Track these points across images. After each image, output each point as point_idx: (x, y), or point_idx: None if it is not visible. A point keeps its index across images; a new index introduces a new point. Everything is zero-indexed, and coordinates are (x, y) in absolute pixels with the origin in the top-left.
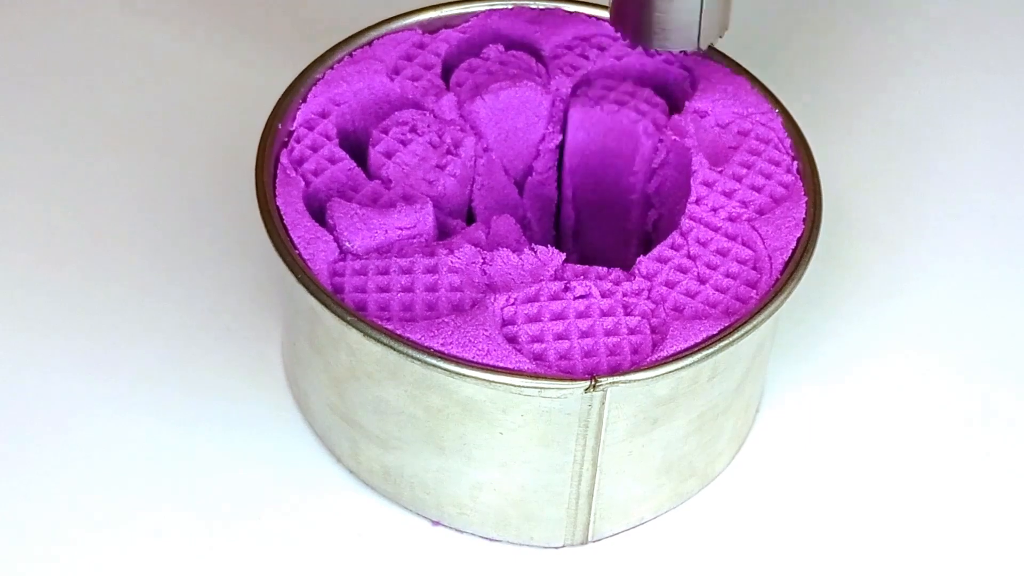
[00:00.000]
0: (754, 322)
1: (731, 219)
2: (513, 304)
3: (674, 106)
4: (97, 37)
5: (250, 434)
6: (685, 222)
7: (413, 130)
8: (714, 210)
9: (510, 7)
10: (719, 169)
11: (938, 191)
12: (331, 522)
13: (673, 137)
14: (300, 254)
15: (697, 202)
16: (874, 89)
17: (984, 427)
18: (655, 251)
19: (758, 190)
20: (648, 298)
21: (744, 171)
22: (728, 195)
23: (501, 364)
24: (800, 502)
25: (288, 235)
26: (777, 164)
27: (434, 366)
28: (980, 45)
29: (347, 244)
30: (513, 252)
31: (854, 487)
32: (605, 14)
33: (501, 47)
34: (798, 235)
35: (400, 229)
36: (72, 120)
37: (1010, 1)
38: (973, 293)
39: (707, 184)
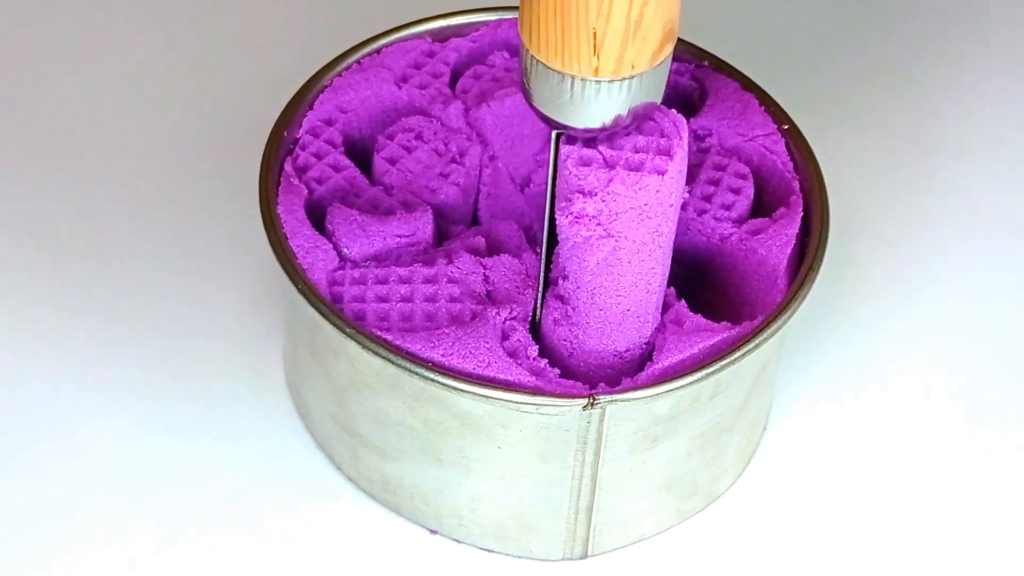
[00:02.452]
0: (755, 341)
1: (722, 238)
2: (514, 318)
3: None
4: (103, 42)
5: (251, 441)
6: None
7: (419, 137)
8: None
9: None
10: (688, 188)
11: (946, 199)
12: (330, 530)
13: None
14: (300, 263)
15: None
16: (879, 94)
17: (1001, 443)
18: None
19: (728, 208)
20: None
21: (712, 188)
22: (700, 213)
23: (501, 376)
24: (807, 521)
25: (288, 244)
26: (744, 178)
27: (432, 380)
28: (988, 47)
29: (345, 250)
30: (514, 257)
31: (864, 507)
32: None
33: (507, 54)
34: (788, 252)
35: (399, 236)
36: (75, 125)
37: (1012, 1)
38: (985, 302)
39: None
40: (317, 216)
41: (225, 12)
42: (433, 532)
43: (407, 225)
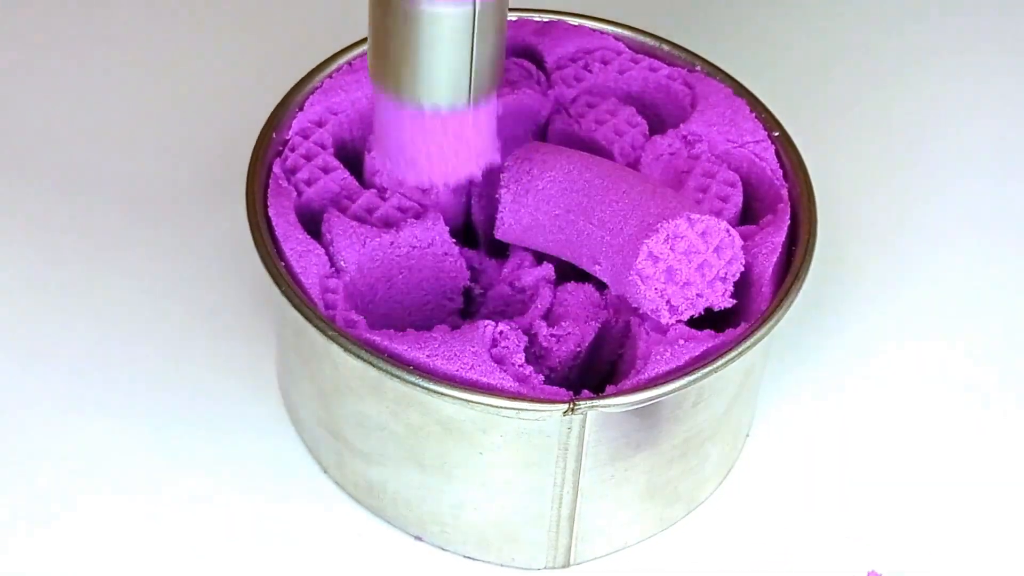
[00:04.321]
0: (739, 348)
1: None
2: (508, 325)
3: (663, 126)
4: (94, 44)
5: (243, 443)
6: None
7: None
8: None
9: (514, 19)
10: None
11: (936, 208)
12: (315, 534)
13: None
14: (293, 267)
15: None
16: (871, 102)
17: (991, 453)
18: None
19: (716, 215)
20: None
21: (700, 195)
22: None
23: (484, 380)
24: (788, 529)
25: (279, 247)
26: (733, 185)
27: (413, 383)
28: (980, 45)
29: (342, 264)
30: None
31: (845, 515)
32: (608, 28)
33: None
34: (774, 260)
35: (412, 248)
36: (66, 128)
37: (1010, 1)
38: (974, 314)
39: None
40: (305, 219)
41: (216, 13)
42: (417, 539)
43: (425, 234)
